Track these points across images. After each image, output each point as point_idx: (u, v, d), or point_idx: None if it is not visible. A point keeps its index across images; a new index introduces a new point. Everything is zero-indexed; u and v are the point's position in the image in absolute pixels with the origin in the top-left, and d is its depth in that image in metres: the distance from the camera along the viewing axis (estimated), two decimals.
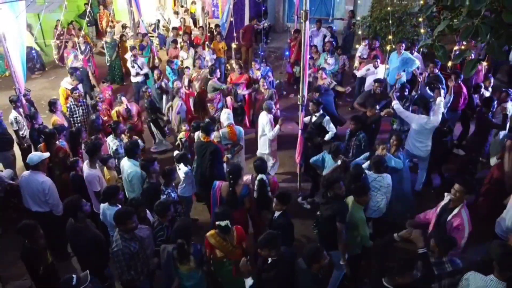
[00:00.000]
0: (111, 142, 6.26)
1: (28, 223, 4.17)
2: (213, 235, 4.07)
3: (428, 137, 6.08)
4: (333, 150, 5.44)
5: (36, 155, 5.16)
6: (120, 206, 4.57)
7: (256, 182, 5.02)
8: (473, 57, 5.95)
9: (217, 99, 7.54)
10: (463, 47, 7.59)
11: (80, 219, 4.19)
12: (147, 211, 4.59)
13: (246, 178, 5.16)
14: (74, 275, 3.39)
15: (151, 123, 7.93)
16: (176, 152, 6.04)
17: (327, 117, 6.46)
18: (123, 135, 6.39)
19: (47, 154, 5.31)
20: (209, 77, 8.27)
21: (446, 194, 4.41)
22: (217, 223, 4.01)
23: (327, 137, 6.37)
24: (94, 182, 5.11)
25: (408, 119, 6.26)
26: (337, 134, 6.67)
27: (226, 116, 6.34)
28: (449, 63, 7.58)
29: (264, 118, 6.64)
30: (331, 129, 6.41)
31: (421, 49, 8.25)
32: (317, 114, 6.44)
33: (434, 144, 6.15)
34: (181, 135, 6.82)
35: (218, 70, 8.46)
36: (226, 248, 4.04)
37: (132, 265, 3.90)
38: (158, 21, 13.18)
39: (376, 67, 8.54)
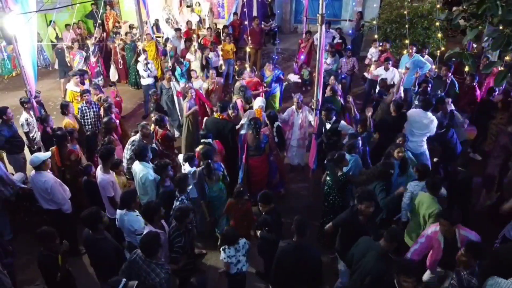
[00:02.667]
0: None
1: (47, 229, 4.13)
2: (201, 147, 5.74)
3: (423, 134, 6.11)
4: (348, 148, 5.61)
5: (36, 157, 5.16)
6: (137, 212, 4.55)
7: (275, 129, 6.37)
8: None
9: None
10: (476, 51, 7.60)
11: (99, 230, 4.14)
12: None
13: (264, 128, 6.29)
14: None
15: None
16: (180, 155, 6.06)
17: (343, 122, 6.46)
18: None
19: (48, 154, 5.34)
20: (236, 77, 8.29)
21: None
22: (202, 140, 5.81)
23: (347, 137, 6.36)
24: (108, 187, 5.05)
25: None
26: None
27: (259, 104, 6.98)
28: (466, 68, 7.57)
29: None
30: (348, 129, 6.42)
31: (433, 53, 8.20)
32: (331, 122, 6.40)
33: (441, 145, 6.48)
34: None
35: (246, 71, 8.30)
36: None
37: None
38: (157, 20, 13.07)
39: (386, 70, 8.48)
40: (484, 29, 3.26)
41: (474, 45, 8.99)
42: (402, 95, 7.44)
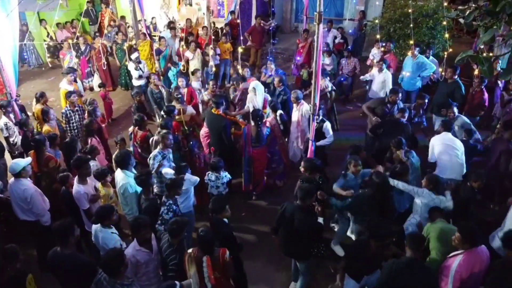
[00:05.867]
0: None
1: (11, 248, 3.78)
2: (179, 119, 6.61)
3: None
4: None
5: (16, 164, 4.78)
6: (113, 228, 4.16)
7: (278, 117, 6.48)
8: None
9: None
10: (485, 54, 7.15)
11: (69, 244, 3.75)
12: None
13: (269, 118, 6.43)
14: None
15: None
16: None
17: (328, 123, 6.28)
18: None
19: (28, 160, 4.97)
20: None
21: None
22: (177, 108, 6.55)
23: (321, 142, 6.12)
24: (82, 200, 4.65)
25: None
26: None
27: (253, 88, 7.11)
28: (476, 71, 7.15)
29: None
30: (329, 135, 6.18)
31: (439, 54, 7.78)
32: (318, 121, 6.08)
33: None
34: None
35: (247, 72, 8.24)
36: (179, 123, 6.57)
37: None
38: (153, 18, 12.73)
39: (380, 70, 8.06)
40: (499, 30, 2.83)
41: (481, 47, 8.53)
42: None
